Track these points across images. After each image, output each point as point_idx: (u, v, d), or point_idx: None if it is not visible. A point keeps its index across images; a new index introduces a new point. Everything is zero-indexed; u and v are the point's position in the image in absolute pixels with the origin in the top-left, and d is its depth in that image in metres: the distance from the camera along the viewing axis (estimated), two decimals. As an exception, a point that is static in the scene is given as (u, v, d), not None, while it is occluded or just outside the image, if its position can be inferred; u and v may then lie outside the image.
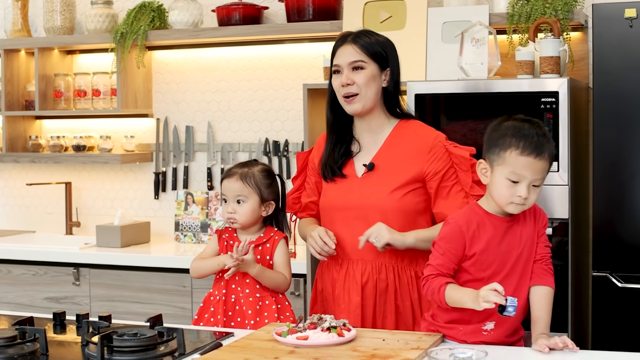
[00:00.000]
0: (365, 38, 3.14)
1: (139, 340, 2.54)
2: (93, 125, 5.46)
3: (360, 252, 3.09)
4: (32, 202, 5.65)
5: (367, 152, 3.19)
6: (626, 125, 3.73)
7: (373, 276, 3.09)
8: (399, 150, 3.14)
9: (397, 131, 3.18)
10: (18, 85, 5.43)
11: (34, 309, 4.77)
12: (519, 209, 2.65)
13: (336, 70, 3.16)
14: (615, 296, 3.74)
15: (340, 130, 3.22)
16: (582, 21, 4.20)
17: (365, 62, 3.11)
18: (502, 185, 2.63)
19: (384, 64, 3.15)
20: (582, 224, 4.07)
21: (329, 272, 3.19)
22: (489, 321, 2.68)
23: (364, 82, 3.10)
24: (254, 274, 3.07)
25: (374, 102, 3.14)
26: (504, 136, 2.64)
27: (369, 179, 3.14)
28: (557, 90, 3.74)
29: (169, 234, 5.21)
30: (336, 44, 3.20)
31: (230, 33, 4.85)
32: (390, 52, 3.17)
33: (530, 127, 2.64)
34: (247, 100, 5.13)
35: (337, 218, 3.16)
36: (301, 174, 3.38)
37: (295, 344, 2.56)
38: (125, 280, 4.66)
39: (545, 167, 2.63)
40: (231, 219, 3.16)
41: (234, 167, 3.24)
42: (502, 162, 2.63)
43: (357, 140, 3.21)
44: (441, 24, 4.31)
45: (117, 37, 5.00)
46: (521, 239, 2.70)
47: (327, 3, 4.67)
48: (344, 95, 3.12)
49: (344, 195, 3.15)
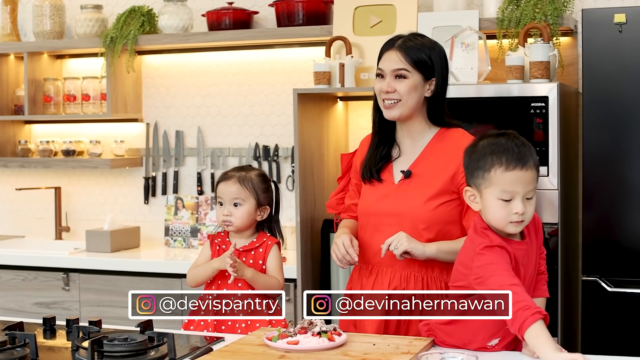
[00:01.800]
0: (413, 46, 3.05)
1: (129, 345, 2.54)
2: (83, 130, 5.45)
3: (391, 261, 3.02)
4: (21, 207, 5.63)
5: (407, 158, 3.13)
6: (616, 129, 3.74)
7: (401, 285, 3.02)
8: (437, 159, 3.07)
9: (437, 139, 3.11)
10: (7, 90, 5.42)
11: (24, 314, 4.75)
12: (519, 227, 2.55)
13: (379, 74, 3.09)
14: (605, 300, 3.75)
15: (385, 132, 3.16)
16: (572, 26, 4.22)
17: (409, 72, 3.03)
18: (496, 207, 2.53)
19: (429, 73, 3.05)
20: (572, 228, 4.08)
21: (359, 277, 3.15)
22: (494, 338, 2.62)
23: (405, 91, 3.02)
24: (248, 278, 3.07)
25: (413, 110, 3.07)
26: (484, 156, 2.56)
27: (405, 187, 3.08)
28: (546, 95, 3.75)
29: (159, 238, 5.21)
30: (383, 46, 3.12)
31: (221, 38, 4.85)
32: (437, 61, 3.07)
33: (507, 140, 2.55)
34: (237, 105, 5.13)
35: (371, 223, 3.12)
36: (345, 175, 3.34)
37: (285, 348, 2.56)
38: (115, 285, 4.65)
39: (534, 177, 2.54)
40: (227, 221, 3.16)
41: (231, 170, 3.24)
42: (489, 183, 2.54)
43: (398, 145, 3.15)
44: (431, 28, 4.31)
45: (107, 42, 4.99)
46: (530, 258, 2.64)
47: (317, 8, 4.67)
48: (384, 100, 3.06)
49: (379, 201, 3.10)
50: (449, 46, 4.06)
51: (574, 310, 4.14)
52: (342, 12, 4.53)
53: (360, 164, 3.22)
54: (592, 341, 3.76)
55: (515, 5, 4.17)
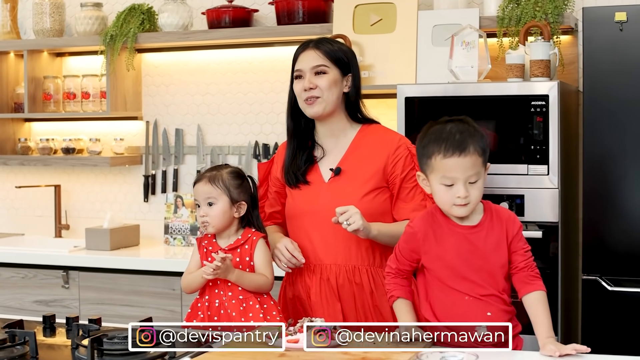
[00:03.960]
0: (327, 44, 3.20)
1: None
2: (82, 128, 5.44)
3: (333, 256, 3.12)
4: (21, 205, 5.63)
5: (332, 157, 3.20)
6: (616, 128, 3.73)
7: (348, 279, 3.11)
8: (365, 154, 3.16)
9: (361, 135, 3.21)
10: (7, 88, 5.42)
11: (23, 312, 4.75)
12: (465, 210, 2.65)
13: (298, 75, 3.20)
14: (605, 299, 3.74)
15: (301, 136, 3.24)
16: (572, 25, 4.21)
17: (328, 67, 3.15)
18: (440, 192, 2.66)
19: (346, 69, 3.19)
20: (572, 227, 4.08)
21: (302, 277, 3.19)
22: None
23: (326, 86, 3.13)
24: (233, 279, 3.05)
25: (334, 106, 3.17)
26: (427, 144, 2.68)
27: (336, 184, 3.16)
28: (547, 94, 3.75)
29: (159, 236, 5.20)
30: (297, 50, 3.24)
31: (220, 36, 4.85)
32: (352, 59, 3.22)
33: (451, 127, 2.66)
34: (237, 103, 5.12)
35: (307, 223, 3.18)
36: (263, 184, 3.39)
37: (285, 347, 2.55)
38: (115, 283, 4.65)
39: (474, 162, 2.63)
40: (204, 222, 3.14)
41: (205, 171, 3.23)
42: (432, 170, 2.67)
43: (320, 145, 3.23)
44: (431, 27, 4.31)
45: (107, 40, 4.99)
46: (485, 248, 2.69)
47: (317, 6, 4.67)
48: (306, 98, 3.15)
49: (312, 200, 3.16)
50: (449, 44, 4.06)
51: (574, 309, 4.14)
52: (342, 10, 4.53)
53: (280, 172, 3.28)
54: (592, 340, 3.75)
55: (515, 3, 4.17)
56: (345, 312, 3.09)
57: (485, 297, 2.69)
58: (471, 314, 2.67)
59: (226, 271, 3.02)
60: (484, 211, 2.72)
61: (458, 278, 2.69)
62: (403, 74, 4.28)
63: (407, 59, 4.33)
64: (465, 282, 2.69)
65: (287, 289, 3.26)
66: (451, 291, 2.70)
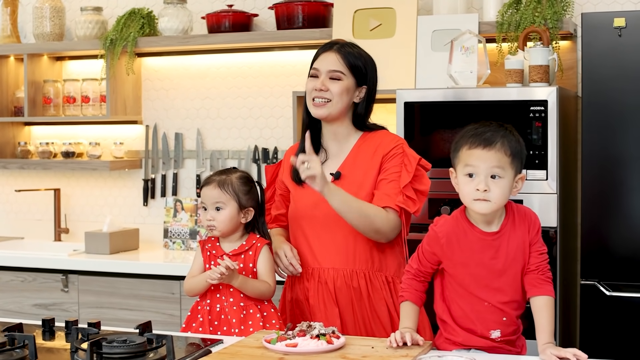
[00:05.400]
0: (350, 51, 3.17)
1: (128, 347, 2.54)
2: (82, 132, 5.45)
3: (331, 260, 3.12)
4: (20, 209, 5.64)
5: (334, 161, 3.20)
6: (615, 133, 3.74)
7: (346, 284, 3.11)
8: (363, 160, 3.16)
9: (362, 141, 3.20)
10: (7, 92, 5.42)
11: (23, 315, 4.75)
12: (485, 206, 2.61)
13: (314, 74, 3.18)
14: (603, 304, 3.75)
15: (316, 133, 3.23)
16: (571, 30, 4.22)
17: (344, 74, 3.13)
18: (463, 183, 2.64)
19: (362, 80, 3.17)
20: (571, 232, 4.09)
21: (300, 280, 3.20)
22: (494, 330, 2.68)
23: (337, 92, 3.12)
24: (236, 285, 3.06)
25: (340, 113, 3.16)
26: (459, 139, 2.69)
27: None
28: (546, 99, 3.75)
29: (158, 240, 5.21)
30: (321, 48, 3.22)
31: (220, 40, 4.86)
32: (371, 72, 3.20)
33: (486, 127, 2.66)
34: (236, 108, 5.13)
35: (305, 226, 3.19)
36: (271, 186, 3.39)
37: (284, 351, 2.56)
38: (114, 287, 4.65)
39: (499, 158, 2.60)
40: (211, 226, 3.15)
41: (213, 174, 3.22)
42: (458, 161, 2.67)
43: (325, 149, 3.23)
44: (431, 32, 4.32)
45: (107, 44, 5.00)
46: (508, 252, 2.67)
47: (317, 11, 4.68)
48: (315, 98, 3.14)
49: (312, 204, 3.15)
50: (448, 49, 4.07)
51: (572, 314, 4.14)
52: (342, 15, 4.54)
53: (287, 175, 3.26)
54: (590, 345, 3.76)
55: (514, 9, 4.18)
56: (343, 316, 3.10)
57: (505, 304, 2.68)
58: (489, 319, 2.67)
59: (231, 276, 3.02)
60: (506, 213, 2.70)
61: (480, 286, 2.67)
62: (402, 79, 4.29)
63: (406, 64, 4.34)
64: (487, 289, 2.67)
65: (287, 291, 3.27)
66: (471, 297, 2.68)
